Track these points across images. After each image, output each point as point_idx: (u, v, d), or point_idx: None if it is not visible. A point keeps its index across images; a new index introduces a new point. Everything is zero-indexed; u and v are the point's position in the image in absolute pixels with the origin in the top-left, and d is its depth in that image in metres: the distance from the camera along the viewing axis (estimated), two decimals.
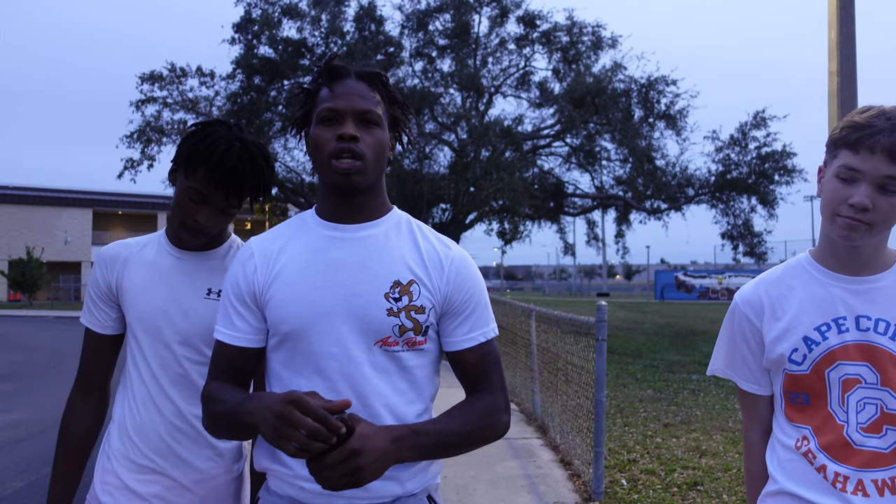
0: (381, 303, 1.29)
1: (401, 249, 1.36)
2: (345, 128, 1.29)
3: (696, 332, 17.34)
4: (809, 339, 1.40)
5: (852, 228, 1.32)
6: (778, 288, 1.47)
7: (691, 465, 5.01)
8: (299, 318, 1.29)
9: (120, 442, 1.62)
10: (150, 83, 19.00)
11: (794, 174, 17.49)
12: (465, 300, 1.37)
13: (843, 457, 1.35)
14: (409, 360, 1.32)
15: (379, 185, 1.39)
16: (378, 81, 1.37)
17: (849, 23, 6.23)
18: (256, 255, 1.37)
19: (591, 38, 18.21)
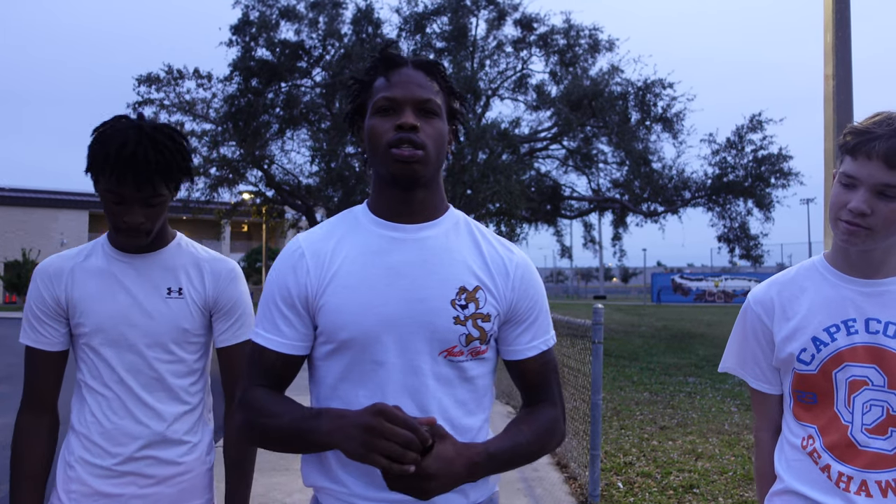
0: (448, 310, 1.22)
1: (464, 252, 1.29)
2: (404, 117, 1.22)
3: (692, 334, 17.37)
4: (818, 340, 1.41)
5: (851, 233, 1.34)
6: (790, 288, 1.49)
7: (687, 467, 5.01)
8: (359, 326, 1.21)
9: (84, 450, 1.58)
10: (148, 85, 19.00)
11: (791, 177, 17.54)
12: (530, 307, 1.32)
13: (848, 457, 1.36)
14: (471, 369, 1.27)
15: (438, 181, 1.32)
16: (436, 71, 1.30)
17: (844, 26, 6.25)
18: (308, 254, 1.27)
19: (588, 41, 18.27)
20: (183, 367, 1.63)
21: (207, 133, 19.36)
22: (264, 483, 4.67)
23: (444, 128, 1.28)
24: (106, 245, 1.64)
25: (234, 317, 1.68)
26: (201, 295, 1.65)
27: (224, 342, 1.69)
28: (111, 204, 1.50)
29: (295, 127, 19.06)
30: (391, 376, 1.21)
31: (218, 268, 1.68)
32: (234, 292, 1.69)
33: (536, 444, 1.28)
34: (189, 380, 1.65)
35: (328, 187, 17.92)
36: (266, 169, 20.03)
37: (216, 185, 19.95)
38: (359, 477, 1.22)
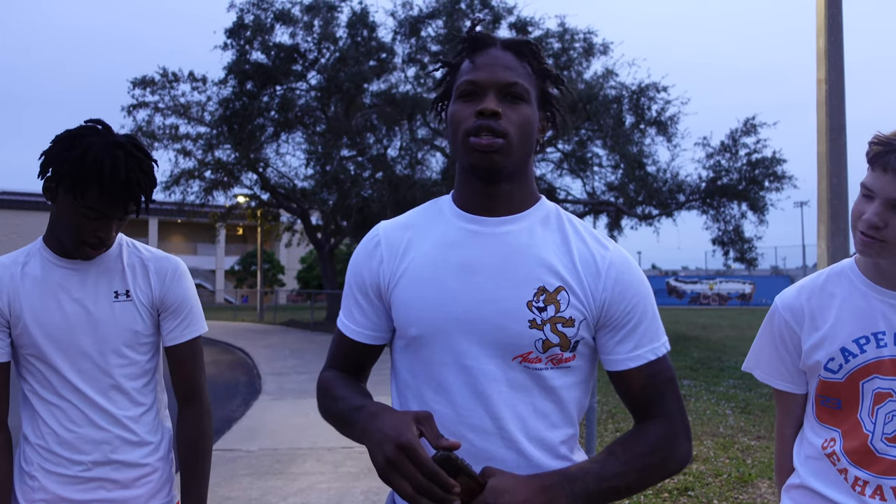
0: (523, 312, 1.12)
1: (548, 249, 1.17)
2: (485, 102, 1.12)
3: (687, 337, 17.40)
4: (847, 351, 1.41)
5: (865, 244, 1.34)
6: (820, 296, 1.48)
7: (682, 470, 5.02)
8: (426, 324, 1.15)
9: (43, 458, 1.55)
10: (142, 88, 19.00)
11: (784, 180, 17.62)
12: (628, 312, 1.16)
13: (866, 463, 1.39)
14: (553, 379, 1.14)
15: (525, 172, 1.21)
16: (528, 51, 1.19)
17: (836, 31, 6.29)
18: (384, 244, 1.23)
19: (583, 45, 18.33)
20: (136, 368, 1.62)
21: (202, 136, 19.35)
22: (260, 487, 4.66)
23: (533, 114, 1.17)
24: (44, 251, 1.59)
25: (181, 315, 1.66)
26: (148, 295, 1.63)
27: (172, 341, 1.66)
28: (88, 220, 1.47)
29: (290, 130, 19.07)
30: (457, 379, 1.14)
31: (163, 266, 1.66)
32: (181, 290, 1.67)
33: (636, 468, 1.11)
34: (142, 380, 1.63)
35: (323, 190, 17.92)
36: (261, 172, 20.03)
37: (211, 189, 19.94)
38: None
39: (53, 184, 1.50)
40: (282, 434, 6.32)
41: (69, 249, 1.55)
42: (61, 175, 1.47)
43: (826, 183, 6.53)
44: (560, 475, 1.06)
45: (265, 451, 5.67)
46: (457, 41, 1.23)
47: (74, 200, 1.46)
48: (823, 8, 6.41)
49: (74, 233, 1.50)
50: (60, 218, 1.52)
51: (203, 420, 1.70)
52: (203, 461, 1.69)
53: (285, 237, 24.79)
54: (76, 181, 1.44)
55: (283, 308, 32.18)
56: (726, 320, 24.27)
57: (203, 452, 1.69)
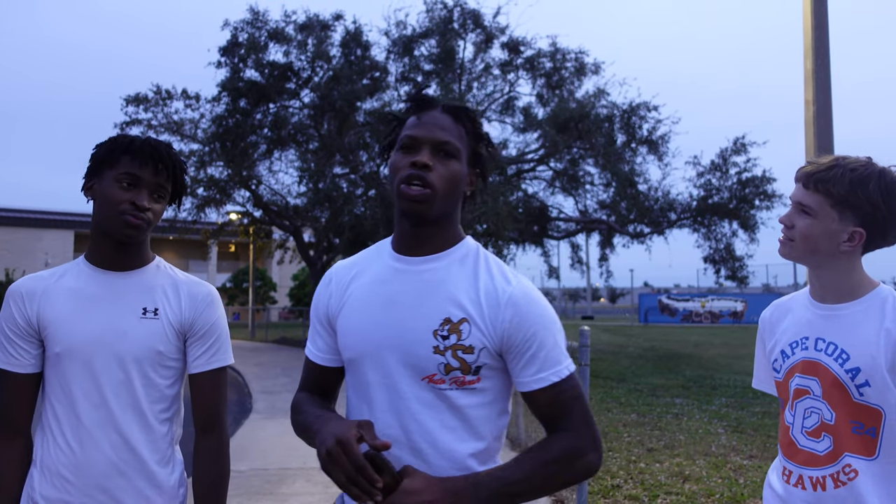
0: (429, 340, 1.28)
1: (458, 285, 1.32)
2: (419, 156, 1.30)
3: (679, 355, 17.41)
4: (784, 353, 1.68)
5: (781, 244, 1.64)
6: (780, 310, 1.76)
7: (675, 490, 5.01)
8: (357, 348, 1.35)
9: (50, 485, 1.53)
10: (135, 105, 19.01)
11: (775, 199, 17.73)
12: (527, 339, 1.29)
13: (790, 454, 1.61)
14: (458, 398, 1.29)
15: (450, 218, 1.37)
16: (464, 115, 1.37)
17: (823, 53, 6.39)
18: (333, 281, 1.45)
19: (575, 65, 18.48)
20: (155, 391, 1.59)
21: (195, 153, 19.34)
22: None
23: (461, 170, 1.35)
24: (83, 263, 1.62)
25: (209, 341, 1.65)
26: (177, 317, 1.61)
27: (197, 368, 1.64)
28: (121, 189, 1.54)
29: (283, 147, 19.09)
30: (379, 395, 1.31)
31: (195, 290, 1.66)
32: (212, 316, 1.66)
33: (540, 474, 1.24)
34: (160, 406, 1.60)
35: (315, 208, 17.91)
36: (254, 189, 20.01)
37: (203, 206, 19.89)
38: None
39: (92, 172, 1.59)
40: (272, 454, 6.27)
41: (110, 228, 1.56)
42: (97, 160, 1.58)
43: None
44: (468, 480, 1.22)
45: (255, 472, 5.61)
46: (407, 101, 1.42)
47: (111, 171, 1.55)
48: (810, 30, 6.50)
49: (113, 207, 1.54)
50: (100, 206, 1.57)
51: (222, 452, 1.67)
52: (220, 495, 1.65)
53: (277, 254, 24.73)
54: (110, 154, 1.56)
55: (274, 325, 32.02)
56: (718, 338, 24.29)
57: (221, 485, 1.65)
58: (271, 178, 20.50)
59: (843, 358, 1.54)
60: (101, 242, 1.60)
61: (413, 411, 1.28)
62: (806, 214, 1.56)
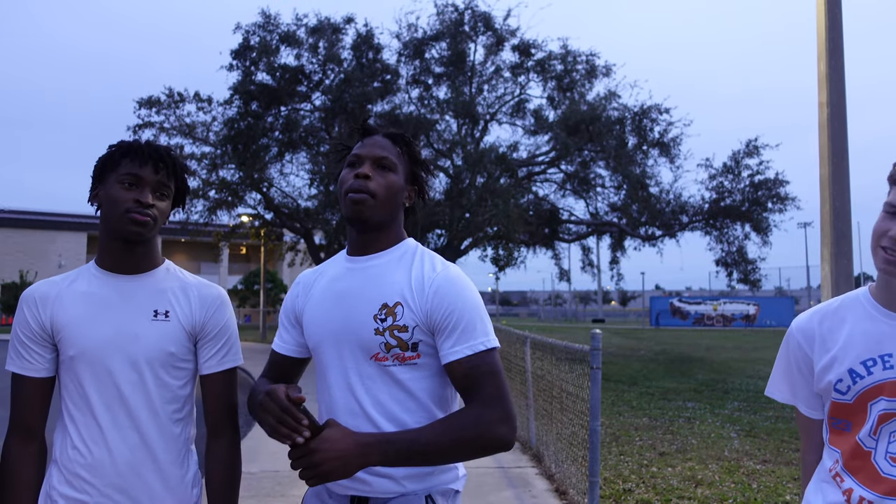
0: (371, 323, 1.48)
1: (395, 276, 1.53)
2: (361, 168, 1.52)
3: (691, 359, 17.31)
4: (854, 372, 1.45)
5: (888, 262, 1.37)
6: (831, 319, 1.53)
7: (687, 494, 4.97)
8: (316, 337, 1.56)
9: (68, 485, 1.56)
10: (148, 108, 19.14)
11: (787, 202, 17.62)
12: (446, 317, 1.46)
13: (869, 482, 1.41)
14: (401, 373, 1.48)
15: (390, 224, 1.58)
16: (401, 140, 1.60)
17: (837, 55, 6.33)
18: (301, 283, 1.68)
19: (585, 67, 18.44)
20: (168, 392, 1.61)
21: (207, 156, 19.46)
22: None
23: (398, 181, 1.56)
24: (93, 268, 1.65)
25: (220, 343, 1.68)
26: (189, 319, 1.64)
27: (209, 369, 1.67)
28: (124, 189, 1.57)
29: (294, 150, 19.16)
30: (336, 375, 1.52)
31: (205, 293, 1.68)
32: (222, 318, 1.69)
33: (447, 440, 1.38)
34: (173, 406, 1.63)
35: (326, 210, 17.96)
36: (265, 192, 20.10)
37: (215, 208, 20.00)
38: None
39: (96, 185, 1.63)
40: (283, 455, 6.24)
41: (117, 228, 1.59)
42: (100, 168, 1.62)
43: (829, 206, 6.53)
44: (380, 437, 1.38)
45: (266, 473, 5.62)
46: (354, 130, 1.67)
47: (112, 174, 1.59)
48: (824, 32, 6.45)
49: (118, 207, 1.57)
50: (106, 208, 1.59)
51: (234, 453, 1.70)
52: (233, 495, 1.67)
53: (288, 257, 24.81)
54: (111, 159, 1.61)
55: None
56: (730, 341, 24.14)
57: (233, 485, 1.68)
58: (282, 180, 20.57)
59: None
60: (111, 246, 1.63)
61: (365, 386, 1.48)
62: None
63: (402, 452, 1.36)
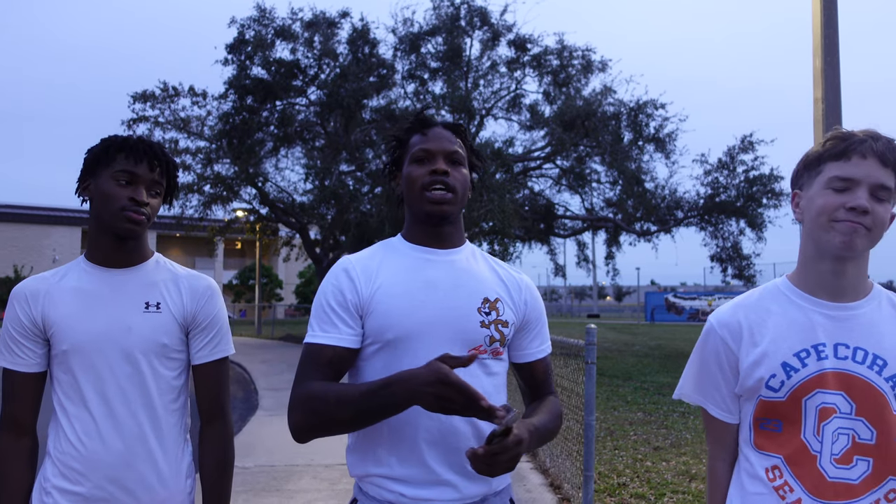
0: (475, 316, 1.47)
1: (482, 272, 1.55)
2: (437, 164, 1.50)
3: (686, 354, 17.34)
4: (788, 366, 1.36)
5: (854, 231, 1.30)
6: (756, 311, 1.44)
7: (681, 489, 4.99)
8: (403, 327, 1.43)
9: (62, 477, 1.56)
10: (143, 102, 19.06)
11: (782, 197, 17.65)
12: (537, 318, 1.59)
13: (817, 490, 1.32)
14: (493, 366, 1.50)
15: (460, 218, 1.59)
16: (461, 132, 1.58)
17: (833, 52, 6.34)
18: (358, 268, 1.50)
19: (581, 62, 18.43)
20: (162, 383, 1.63)
21: (202, 150, 19.40)
22: (257, 503, 4.62)
23: (468, 175, 1.56)
24: (83, 262, 1.65)
25: (211, 333, 1.69)
26: (180, 310, 1.65)
27: (201, 359, 1.69)
28: (120, 186, 1.57)
29: (289, 145, 19.12)
30: None
31: (196, 284, 1.70)
32: (212, 308, 1.70)
33: (555, 424, 1.52)
34: (168, 397, 1.64)
35: (322, 205, 17.93)
36: (260, 187, 20.05)
37: (210, 203, 19.94)
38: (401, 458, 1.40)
39: (86, 177, 1.62)
40: (278, 451, 6.28)
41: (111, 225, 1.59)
42: (91, 160, 1.61)
43: None
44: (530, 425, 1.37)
45: (261, 468, 5.63)
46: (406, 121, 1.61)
47: (106, 169, 1.58)
48: (820, 28, 6.46)
49: (113, 204, 1.57)
50: (99, 204, 1.59)
51: (227, 441, 1.72)
52: (226, 483, 1.69)
53: (283, 252, 24.79)
54: (105, 153, 1.59)
55: (280, 323, 32.08)
56: None
57: (226, 474, 1.70)
58: (278, 175, 20.59)
59: (880, 365, 1.33)
60: (101, 241, 1.63)
61: None
62: (880, 200, 1.31)
63: (534, 440, 1.39)
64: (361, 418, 1.32)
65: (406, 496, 1.39)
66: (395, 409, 1.29)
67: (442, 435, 1.40)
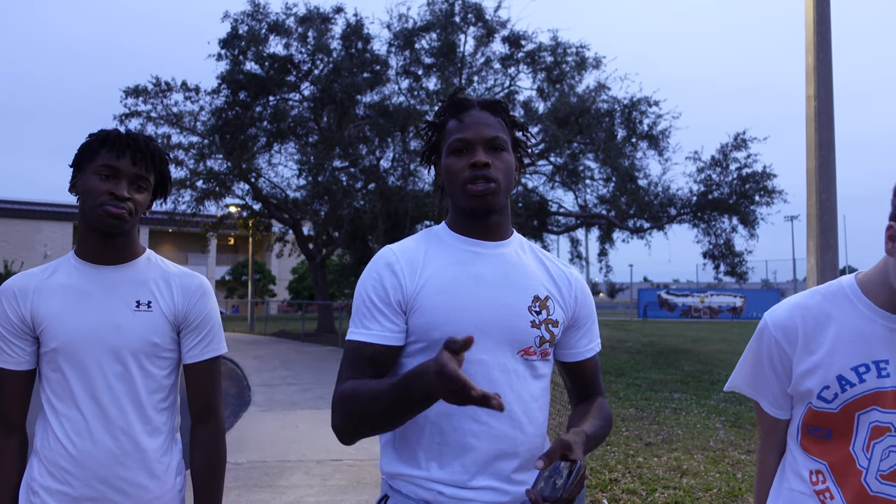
0: (526, 315, 1.38)
1: (532, 267, 1.46)
2: (477, 156, 1.37)
3: (678, 350, 17.44)
4: (844, 379, 1.30)
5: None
6: (815, 316, 1.35)
7: (672, 484, 5.02)
8: (452, 326, 1.33)
9: (50, 476, 1.54)
10: (135, 97, 18.96)
11: (775, 195, 17.74)
12: (588, 315, 1.51)
13: (860, 503, 1.29)
14: (541, 367, 1.42)
15: (507, 207, 1.47)
16: (500, 109, 1.44)
17: (825, 49, 6.37)
18: (402, 261, 1.39)
19: (575, 59, 18.44)
20: (153, 382, 1.61)
21: (194, 146, 19.32)
22: (248, 499, 4.62)
23: (512, 159, 1.43)
24: (73, 259, 1.63)
25: (203, 332, 1.67)
26: (171, 309, 1.63)
27: (192, 358, 1.66)
28: (100, 181, 1.55)
29: (282, 140, 19.07)
30: (477, 370, 1.32)
31: (187, 282, 1.67)
32: (204, 307, 1.68)
33: (605, 431, 1.45)
34: (158, 396, 1.62)
35: (315, 201, 17.90)
36: (253, 182, 20.00)
37: (202, 198, 19.88)
38: (441, 463, 1.32)
39: (76, 174, 1.60)
40: (270, 446, 6.27)
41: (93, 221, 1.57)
42: (78, 156, 1.59)
43: (815, 198, 6.58)
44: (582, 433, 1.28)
45: (253, 464, 5.62)
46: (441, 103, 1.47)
47: (90, 164, 1.56)
48: (812, 26, 6.49)
49: (93, 199, 1.55)
50: (83, 199, 1.58)
51: (219, 440, 1.70)
52: (217, 482, 1.68)
53: (277, 247, 24.72)
54: (89, 147, 1.58)
55: (273, 319, 32.04)
56: (717, 333, 24.33)
57: (217, 473, 1.68)
58: (271, 171, 20.48)
59: None
60: (89, 237, 1.61)
61: (510, 382, 1.35)
62: None
63: (588, 450, 1.30)
64: (391, 415, 1.23)
65: (445, 494, 1.32)
66: (418, 404, 1.17)
67: (488, 440, 1.32)
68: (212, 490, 1.67)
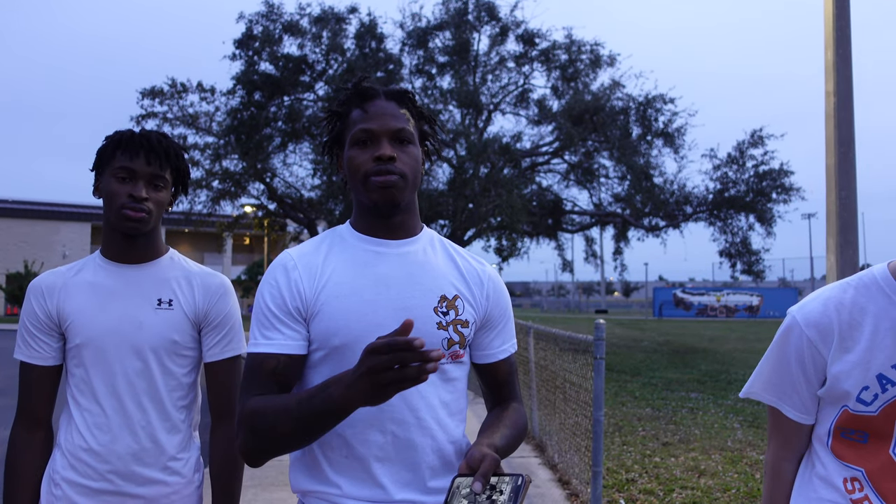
0: (431, 317, 1.32)
1: (440, 265, 1.38)
2: (381, 149, 1.30)
3: (694, 349, 17.31)
4: (885, 378, 1.20)
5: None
6: (850, 312, 1.24)
7: (690, 485, 4.98)
8: (351, 332, 1.27)
9: (72, 469, 1.58)
10: (151, 98, 19.10)
11: (792, 192, 17.55)
12: (501, 314, 1.43)
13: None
14: (452, 371, 1.35)
15: (414, 203, 1.41)
16: (406, 99, 1.38)
17: (845, 44, 6.28)
18: (300, 266, 1.33)
19: (590, 57, 18.34)
20: (172, 380, 1.64)
21: (210, 146, 19.43)
22: (265, 498, 4.64)
23: (419, 152, 1.37)
24: (98, 258, 1.67)
25: (223, 331, 1.69)
26: (192, 307, 1.66)
27: (213, 357, 1.69)
28: (119, 183, 1.58)
29: (297, 140, 19.13)
30: None
31: (209, 282, 1.70)
32: (225, 306, 1.70)
33: (516, 441, 1.36)
34: (177, 394, 1.65)
35: (330, 200, 17.95)
36: (268, 182, 20.09)
37: (218, 198, 20.00)
38: (351, 478, 1.27)
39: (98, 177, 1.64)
40: None
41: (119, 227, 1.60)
42: (97, 159, 1.63)
43: (835, 196, 6.49)
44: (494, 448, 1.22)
45: (270, 463, 5.64)
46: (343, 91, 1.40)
47: (108, 168, 1.60)
48: (831, 21, 6.40)
49: (114, 202, 1.59)
50: (104, 202, 1.61)
51: None
52: (235, 480, 1.69)
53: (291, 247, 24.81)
54: (105, 150, 1.61)
55: None
56: (734, 332, 24.13)
57: (236, 470, 1.69)
58: (286, 170, 20.55)
59: None
60: (113, 237, 1.65)
61: (420, 390, 1.26)
62: None
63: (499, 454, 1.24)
64: (303, 429, 1.16)
65: None
66: (336, 414, 1.12)
67: (397, 451, 1.27)
68: (230, 488, 1.68)
